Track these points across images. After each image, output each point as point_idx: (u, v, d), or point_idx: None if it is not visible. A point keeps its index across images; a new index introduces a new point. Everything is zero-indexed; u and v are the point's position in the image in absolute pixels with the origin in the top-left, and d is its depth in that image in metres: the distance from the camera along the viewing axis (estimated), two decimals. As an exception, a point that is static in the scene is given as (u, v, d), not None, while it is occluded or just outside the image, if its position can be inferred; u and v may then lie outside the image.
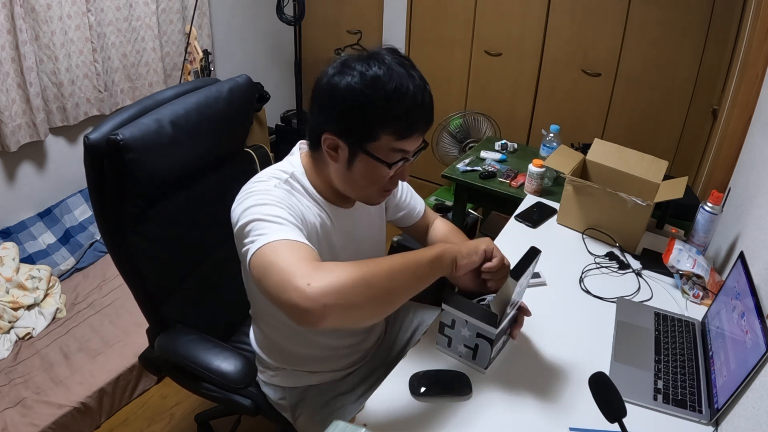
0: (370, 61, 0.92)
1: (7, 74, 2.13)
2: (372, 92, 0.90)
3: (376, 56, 0.94)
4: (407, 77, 0.92)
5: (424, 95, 0.94)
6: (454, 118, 2.90)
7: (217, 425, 1.85)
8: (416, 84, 0.93)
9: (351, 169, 0.99)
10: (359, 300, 0.80)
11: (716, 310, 1.24)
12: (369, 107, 0.91)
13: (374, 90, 0.90)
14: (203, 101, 1.31)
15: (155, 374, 1.44)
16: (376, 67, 0.91)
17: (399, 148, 0.96)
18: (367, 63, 0.92)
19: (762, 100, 1.64)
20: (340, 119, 0.95)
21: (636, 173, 1.58)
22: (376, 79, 0.90)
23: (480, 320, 1.05)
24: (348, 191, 1.06)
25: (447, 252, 0.95)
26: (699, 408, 1.06)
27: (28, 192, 2.42)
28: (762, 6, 1.75)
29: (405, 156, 0.99)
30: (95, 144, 1.12)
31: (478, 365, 1.11)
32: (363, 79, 0.91)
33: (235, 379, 1.14)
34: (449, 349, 1.14)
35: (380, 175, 1.00)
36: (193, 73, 2.66)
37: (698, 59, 2.46)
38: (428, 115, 0.97)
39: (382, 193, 1.07)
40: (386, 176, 1.00)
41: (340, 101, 0.93)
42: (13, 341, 2.00)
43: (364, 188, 1.04)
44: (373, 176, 1.00)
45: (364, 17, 3.31)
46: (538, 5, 2.74)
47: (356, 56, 0.95)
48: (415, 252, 0.92)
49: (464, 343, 1.11)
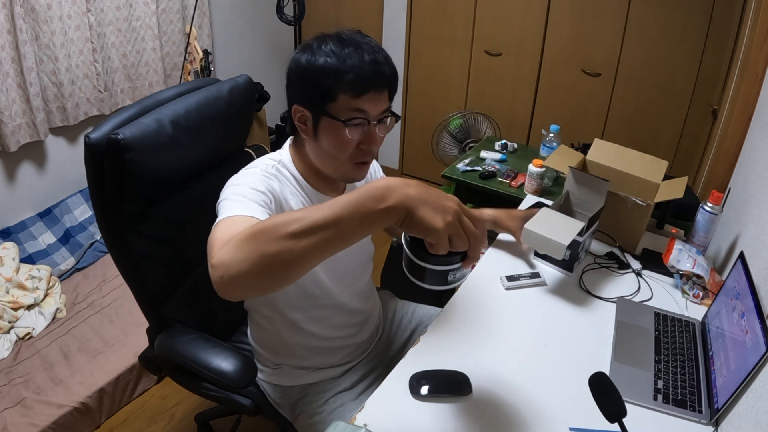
0: (327, 36, 1.02)
1: (7, 74, 2.13)
2: (326, 56, 0.99)
3: (333, 33, 1.03)
4: (360, 41, 1.01)
5: (377, 54, 1.00)
6: (454, 118, 2.90)
7: (217, 425, 1.85)
8: (369, 45, 1.01)
9: (318, 138, 1.04)
10: (252, 270, 0.67)
11: (716, 310, 1.24)
12: (324, 68, 0.98)
13: (328, 53, 0.99)
14: (203, 101, 1.31)
15: (155, 374, 1.44)
16: (330, 38, 1.01)
17: (356, 107, 1.00)
18: (323, 37, 1.02)
19: (762, 100, 1.64)
20: (301, 87, 1.03)
21: (636, 173, 1.58)
22: (331, 45, 1.00)
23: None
24: (324, 167, 1.09)
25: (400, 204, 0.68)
26: (699, 408, 1.06)
27: (28, 192, 2.42)
28: (762, 6, 1.75)
29: (364, 116, 1.01)
30: (96, 143, 1.13)
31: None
32: (319, 47, 1.00)
33: (235, 378, 1.14)
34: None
35: (343, 140, 1.02)
36: (193, 73, 2.66)
37: (698, 59, 2.47)
38: (383, 72, 1.00)
39: (355, 167, 1.07)
40: (350, 141, 1.02)
41: (302, 71, 1.02)
42: (13, 341, 2.00)
43: (334, 159, 1.06)
44: (337, 141, 1.02)
45: (364, 17, 3.31)
46: (538, 5, 2.74)
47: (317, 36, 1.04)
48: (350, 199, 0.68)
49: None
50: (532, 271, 1.44)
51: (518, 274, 1.41)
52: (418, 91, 3.31)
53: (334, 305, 1.22)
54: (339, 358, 1.28)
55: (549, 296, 1.37)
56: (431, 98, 3.27)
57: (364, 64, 0.98)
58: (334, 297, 1.20)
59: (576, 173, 1.54)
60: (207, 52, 2.70)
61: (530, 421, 1.02)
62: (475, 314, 1.27)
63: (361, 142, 1.04)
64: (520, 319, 1.29)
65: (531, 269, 1.45)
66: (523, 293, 1.37)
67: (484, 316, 1.27)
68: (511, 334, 1.24)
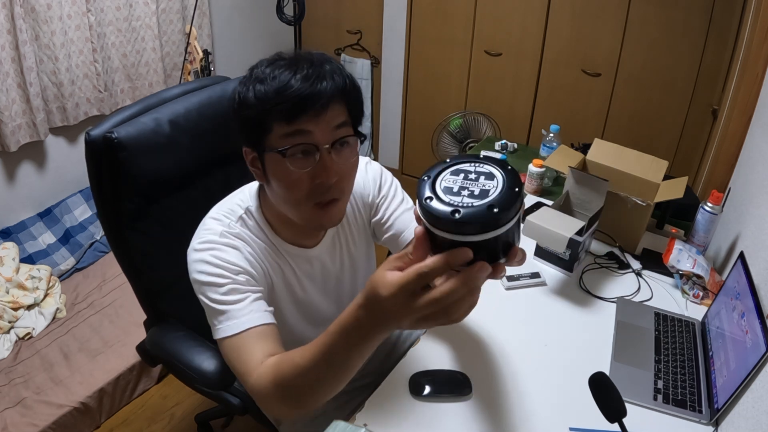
0: (264, 60, 0.89)
1: (7, 74, 2.13)
2: (254, 82, 0.85)
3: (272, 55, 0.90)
4: (300, 57, 0.86)
5: (317, 68, 0.84)
6: (454, 118, 2.90)
7: (217, 425, 1.85)
8: (310, 59, 0.86)
9: (269, 180, 0.90)
10: (303, 389, 0.75)
11: (716, 310, 1.24)
12: (252, 98, 0.85)
13: (256, 78, 0.85)
14: (205, 101, 1.31)
15: (151, 365, 1.45)
16: (265, 61, 0.88)
17: (293, 130, 0.83)
18: (259, 62, 0.89)
19: (762, 100, 1.64)
20: (240, 126, 0.89)
21: (636, 173, 1.58)
22: (261, 68, 0.86)
23: None
24: (288, 213, 0.95)
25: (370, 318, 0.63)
26: (699, 408, 1.06)
27: (28, 192, 2.42)
28: (762, 6, 1.74)
29: (308, 141, 0.84)
30: (95, 141, 1.14)
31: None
32: (250, 76, 0.87)
33: (212, 378, 1.13)
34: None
35: (290, 176, 0.86)
36: (193, 73, 2.66)
37: (698, 59, 2.46)
38: (320, 86, 0.83)
39: (317, 210, 0.90)
40: (299, 176, 0.86)
41: (237, 108, 0.88)
42: (13, 341, 2.00)
43: (290, 202, 0.91)
44: (285, 180, 0.87)
45: (364, 17, 3.30)
46: (538, 5, 2.74)
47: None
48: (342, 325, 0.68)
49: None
50: (532, 271, 1.44)
51: (518, 274, 1.41)
52: (418, 91, 3.31)
53: None
54: None
55: (549, 296, 1.37)
56: (431, 98, 3.27)
57: (294, 81, 0.82)
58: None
59: (576, 173, 1.54)
60: (207, 52, 2.70)
61: (530, 421, 1.02)
62: (475, 314, 1.26)
63: (315, 175, 0.86)
64: (520, 319, 1.29)
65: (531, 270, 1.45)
66: (523, 293, 1.37)
67: (484, 316, 1.27)
68: (511, 334, 1.24)
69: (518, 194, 0.52)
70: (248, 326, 0.88)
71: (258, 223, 0.99)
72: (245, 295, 0.91)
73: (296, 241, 1.02)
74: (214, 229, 0.95)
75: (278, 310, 1.04)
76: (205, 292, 0.92)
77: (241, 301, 0.90)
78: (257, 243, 0.98)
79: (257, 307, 0.90)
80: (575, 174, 1.54)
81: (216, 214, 0.99)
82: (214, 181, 1.37)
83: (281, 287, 1.04)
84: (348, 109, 0.88)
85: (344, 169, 0.89)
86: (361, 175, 1.09)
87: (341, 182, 0.90)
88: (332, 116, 0.85)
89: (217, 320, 0.90)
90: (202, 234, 0.96)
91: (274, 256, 1.01)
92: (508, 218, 0.51)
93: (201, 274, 0.92)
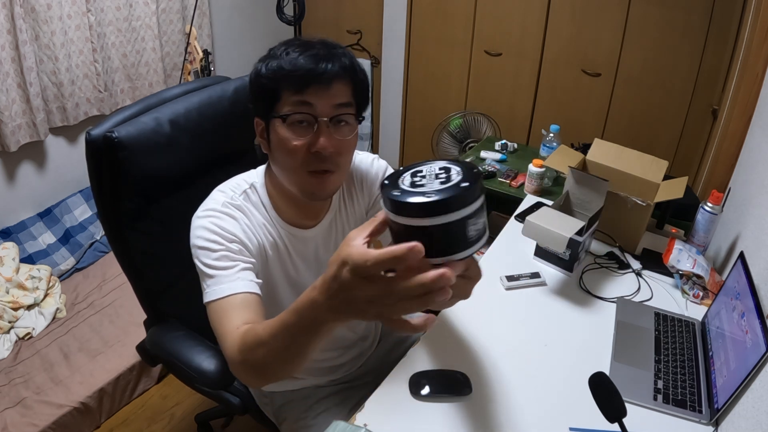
0: (283, 42, 0.97)
1: (7, 74, 2.13)
2: (271, 59, 0.95)
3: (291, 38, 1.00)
4: (314, 41, 0.96)
5: (329, 49, 0.94)
6: (454, 118, 2.90)
7: (217, 425, 1.85)
8: (323, 42, 0.96)
9: (272, 148, 0.98)
10: (262, 361, 0.79)
11: (716, 310, 1.24)
12: (269, 70, 0.94)
13: (273, 56, 0.95)
14: (206, 101, 1.31)
15: (151, 365, 1.46)
16: (284, 43, 0.97)
17: (299, 100, 0.92)
18: (279, 44, 0.97)
19: (762, 100, 1.64)
20: (253, 97, 0.99)
21: (636, 173, 1.58)
22: (281, 48, 0.96)
23: None
24: (285, 182, 1.00)
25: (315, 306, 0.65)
26: (699, 408, 1.06)
27: (28, 192, 2.42)
28: (762, 6, 1.75)
29: (309, 112, 0.92)
30: (95, 140, 1.14)
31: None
32: (270, 54, 0.97)
33: (212, 378, 1.14)
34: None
35: (289, 142, 0.93)
36: (193, 73, 2.66)
37: (698, 59, 2.46)
38: (327, 64, 0.91)
39: (310, 177, 0.96)
40: (297, 142, 0.93)
41: (253, 80, 0.98)
42: (13, 341, 2.00)
43: (288, 168, 0.97)
44: (284, 145, 0.94)
45: (364, 17, 3.31)
46: (538, 5, 2.74)
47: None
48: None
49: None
50: (532, 271, 1.44)
51: (518, 274, 1.41)
52: (418, 91, 3.31)
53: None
54: (325, 371, 1.26)
55: (549, 296, 1.37)
56: (431, 98, 3.27)
57: (305, 57, 0.91)
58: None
59: (576, 173, 1.54)
60: (207, 52, 2.70)
61: (530, 421, 1.02)
62: (475, 314, 1.27)
63: (312, 144, 0.93)
64: (520, 319, 1.29)
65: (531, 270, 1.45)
66: (523, 293, 1.38)
67: (484, 316, 1.27)
68: (511, 334, 1.24)
69: (465, 189, 0.53)
70: (231, 292, 0.91)
71: (260, 198, 1.05)
72: (235, 263, 0.94)
73: (294, 221, 1.07)
74: (217, 200, 1.01)
75: (272, 287, 1.08)
76: (199, 256, 0.96)
77: (230, 268, 0.94)
78: (256, 217, 1.03)
79: (244, 276, 0.94)
80: (575, 174, 1.54)
81: (223, 187, 1.05)
82: (215, 181, 1.36)
83: (275, 263, 1.07)
84: (353, 92, 0.96)
85: (341, 144, 0.96)
86: (366, 166, 1.17)
87: (336, 156, 0.96)
88: (335, 94, 0.93)
89: (206, 284, 0.94)
90: (206, 203, 1.02)
91: (272, 231, 1.05)
92: (450, 209, 0.53)
93: (198, 239, 0.97)
